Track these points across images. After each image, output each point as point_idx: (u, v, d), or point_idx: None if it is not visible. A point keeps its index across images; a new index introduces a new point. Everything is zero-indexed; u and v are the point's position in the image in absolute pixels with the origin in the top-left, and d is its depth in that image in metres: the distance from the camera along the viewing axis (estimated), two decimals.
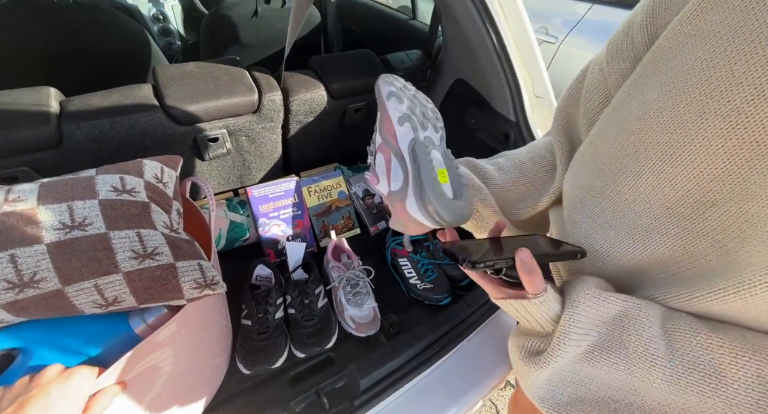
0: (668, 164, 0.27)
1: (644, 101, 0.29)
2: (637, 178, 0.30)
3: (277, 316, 0.74)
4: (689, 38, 0.26)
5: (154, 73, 0.71)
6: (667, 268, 0.30)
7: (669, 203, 0.28)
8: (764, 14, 0.22)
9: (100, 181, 0.48)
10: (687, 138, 0.26)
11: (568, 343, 0.30)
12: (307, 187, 1.00)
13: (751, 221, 0.24)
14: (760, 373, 0.25)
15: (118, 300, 0.41)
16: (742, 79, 0.23)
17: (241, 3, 1.27)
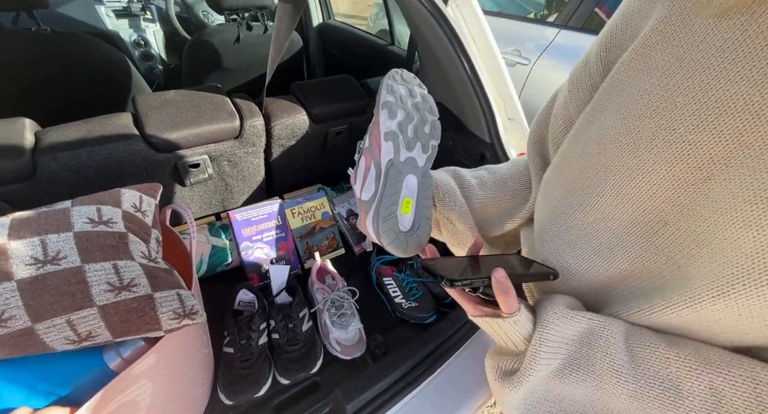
0: (625, 186, 0.30)
1: (602, 127, 0.31)
2: (598, 198, 0.32)
3: (261, 342, 0.73)
4: (637, 72, 0.29)
5: (134, 101, 0.72)
6: (629, 284, 0.32)
7: (628, 222, 0.30)
8: (698, 54, 0.25)
9: (76, 212, 0.48)
10: (640, 162, 0.28)
11: (539, 362, 0.31)
12: (291, 209, 1.00)
13: (698, 240, 0.26)
14: (711, 385, 0.26)
15: (92, 335, 0.40)
16: (683, 110, 0.25)
17: (223, 30, 1.30)
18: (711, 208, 0.25)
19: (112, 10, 1.72)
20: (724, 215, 0.24)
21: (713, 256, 0.25)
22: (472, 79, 0.76)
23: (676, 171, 0.26)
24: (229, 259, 0.91)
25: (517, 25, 2.27)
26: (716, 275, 0.25)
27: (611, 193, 0.31)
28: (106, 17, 1.70)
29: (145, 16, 1.80)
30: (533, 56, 2.06)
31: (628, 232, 0.31)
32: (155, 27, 1.84)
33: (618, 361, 0.29)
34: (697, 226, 0.26)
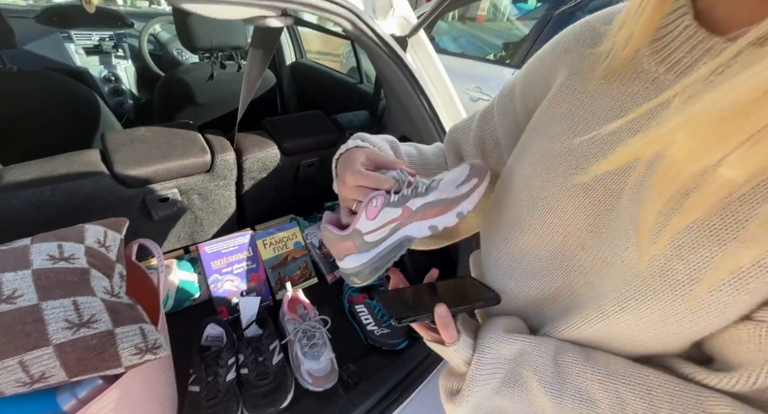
0: (549, 216, 0.34)
1: (528, 164, 0.36)
2: (528, 227, 0.36)
3: (229, 378, 0.71)
4: (552, 119, 0.35)
5: (103, 138, 0.73)
6: (557, 302, 0.36)
7: (553, 248, 0.35)
8: (593, 108, 0.31)
9: (35, 250, 0.47)
10: (558, 195, 0.33)
11: (477, 383, 0.34)
12: (262, 240, 1.00)
13: (606, 261, 0.31)
14: (617, 394, 0.30)
15: (46, 376, 0.39)
16: (587, 152, 0.31)
17: (197, 68, 1.35)
18: (612, 234, 0.30)
19: (83, 47, 1.73)
20: (621, 240, 0.29)
21: (616, 275, 0.30)
22: (430, 114, 0.83)
23: (586, 203, 0.31)
24: (196, 293, 0.89)
25: (478, 65, 2.49)
26: (618, 292, 0.29)
27: (538, 223, 0.35)
28: (76, 54, 1.71)
29: (117, 53, 1.83)
30: (493, 92, 2.25)
31: (554, 256, 0.35)
32: (127, 63, 1.86)
33: (546, 377, 0.33)
34: (605, 249, 0.31)
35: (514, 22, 3.33)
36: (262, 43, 0.75)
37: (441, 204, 0.36)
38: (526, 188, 0.36)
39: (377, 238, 0.38)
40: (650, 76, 0.28)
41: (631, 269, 0.28)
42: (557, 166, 0.33)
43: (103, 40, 1.76)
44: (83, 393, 0.42)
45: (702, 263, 0.25)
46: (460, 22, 3.43)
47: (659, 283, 0.26)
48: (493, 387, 0.35)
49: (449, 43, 3.02)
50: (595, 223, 0.31)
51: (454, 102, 0.88)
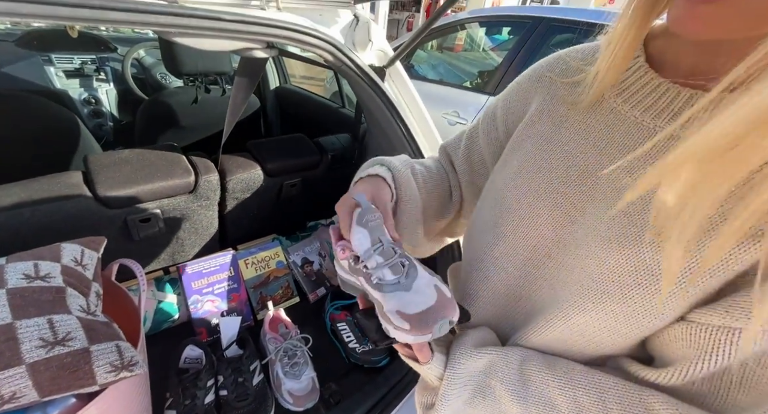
0: (521, 227, 0.37)
1: (505, 179, 0.40)
2: (502, 236, 0.39)
3: (207, 401, 0.69)
4: (528, 137, 0.39)
5: (85, 161, 0.74)
6: (525, 308, 0.40)
7: (524, 257, 0.38)
8: (564, 131, 0.35)
9: (11, 269, 0.47)
10: (531, 208, 0.37)
11: (450, 397, 0.36)
12: (244, 260, 1.01)
13: (568, 268, 0.34)
14: (575, 398, 0.32)
15: (17, 396, 0.39)
16: (557, 171, 0.35)
17: (182, 92, 1.38)
18: (575, 244, 0.34)
19: (63, 70, 1.74)
20: (581, 249, 0.33)
21: (576, 281, 0.33)
22: (408, 138, 0.89)
23: (554, 215, 0.35)
24: (175, 314, 0.88)
25: (455, 92, 2.64)
26: (577, 296, 0.32)
27: (511, 233, 0.38)
28: (56, 77, 1.71)
29: (99, 76, 1.84)
30: (470, 117, 2.38)
31: (524, 265, 0.39)
32: (108, 87, 1.86)
33: (512, 386, 0.35)
34: (568, 258, 0.34)
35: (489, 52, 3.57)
36: (248, 72, 0.79)
37: (384, 317, 0.33)
38: (501, 200, 0.40)
39: (346, 274, 0.41)
40: (610, 106, 0.33)
41: (589, 276, 0.31)
42: (531, 182, 0.37)
43: (84, 64, 1.77)
44: (55, 412, 0.42)
45: (649, 270, 0.28)
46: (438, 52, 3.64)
47: (611, 288, 0.30)
48: (465, 399, 0.37)
49: (428, 70, 3.19)
50: (561, 233, 0.35)
51: (429, 126, 0.94)
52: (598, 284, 0.31)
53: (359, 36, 0.83)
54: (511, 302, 0.41)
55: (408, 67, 3.01)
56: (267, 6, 0.67)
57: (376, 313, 0.35)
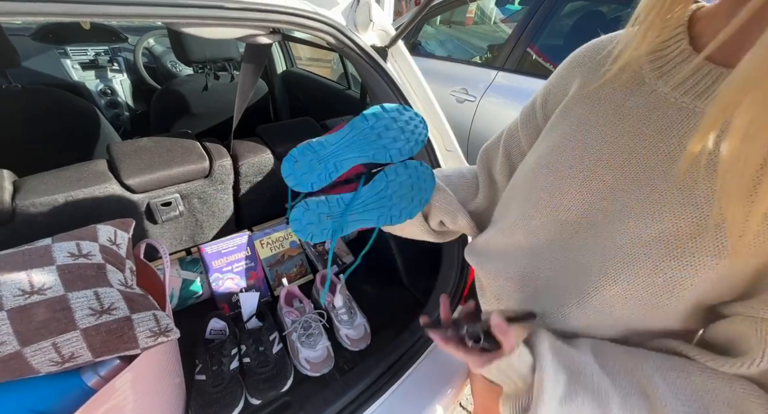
0: (551, 201, 0.39)
1: (537, 155, 0.41)
2: (535, 211, 0.41)
3: (232, 367, 0.77)
4: (564, 119, 0.40)
5: (108, 149, 0.79)
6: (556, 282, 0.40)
7: (553, 232, 0.39)
8: (599, 114, 0.36)
9: (57, 248, 0.53)
10: (561, 184, 0.38)
11: (546, 390, 0.33)
12: (260, 240, 1.06)
13: (598, 244, 0.35)
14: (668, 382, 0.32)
15: (75, 356, 0.45)
16: (591, 150, 0.36)
17: (192, 80, 1.41)
18: (606, 220, 0.35)
19: (79, 62, 1.79)
20: (613, 226, 0.34)
21: (608, 255, 0.34)
22: None
23: (584, 192, 0.36)
24: (199, 291, 0.95)
25: (464, 68, 2.57)
26: (609, 267, 0.34)
27: (543, 208, 0.39)
28: (72, 69, 1.76)
29: (113, 67, 1.88)
30: (479, 94, 2.33)
31: (554, 240, 0.40)
32: (122, 77, 1.91)
33: (599, 380, 0.34)
34: (597, 234, 0.36)
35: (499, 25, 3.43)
36: (254, 58, 0.81)
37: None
38: (534, 176, 0.41)
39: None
40: (649, 88, 0.34)
41: (621, 248, 0.33)
42: (564, 160, 0.38)
43: (98, 55, 1.82)
44: (105, 371, 0.48)
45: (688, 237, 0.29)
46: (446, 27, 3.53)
47: (644, 259, 0.32)
48: (560, 396, 0.34)
49: (436, 47, 3.10)
50: (590, 210, 0.36)
51: (433, 105, 0.94)
52: (629, 256, 0.33)
53: (360, 17, 0.83)
54: (544, 279, 0.41)
55: (415, 45, 2.94)
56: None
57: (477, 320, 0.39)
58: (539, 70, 2.04)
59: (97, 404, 0.44)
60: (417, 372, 0.82)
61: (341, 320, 0.90)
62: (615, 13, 2.00)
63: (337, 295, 0.92)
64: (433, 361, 0.85)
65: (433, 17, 3.11)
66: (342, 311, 0.91)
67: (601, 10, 2.06)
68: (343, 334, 0.89)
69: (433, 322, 0.42)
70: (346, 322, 0.90)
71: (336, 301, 0.92)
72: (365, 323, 0.92)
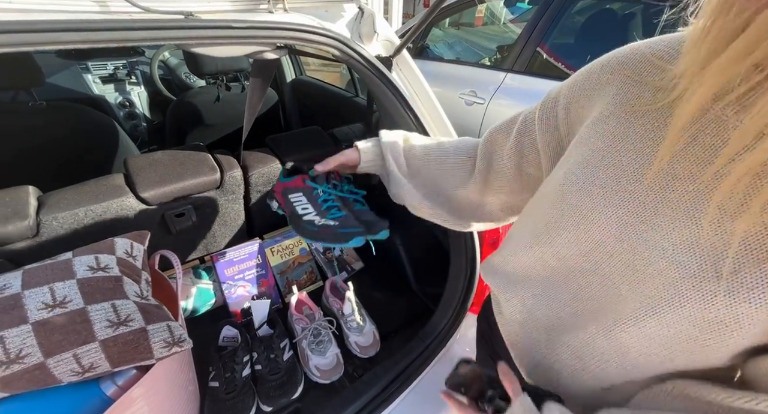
0: (583, 222, 0.36)
1: (567, 173, 0.38)
2: (562, 230, 0.38)
3: (244, 374, 0.78)
4: (596, 133, 0.36)
5: (125, 163, 0.82)
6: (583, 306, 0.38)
7: (584, 252, 0.36)
8: (638, 130, 0.33)
9: (77, 262, 0.56)
10: (594, 204, 0.35)
11: None
12: (270, 248, 1.09)
13: (635, 269, 0.32)
14: None
15: (94, 366, 0.47)
16: (626, 168, 0.33)
17: (204, 91, 1.45)
18: (644, 246, 0.32)
19: (99, 77, 1.87)
20: (653, 252, 0.31)
21: (646, 283, 0.32)
22: (417, 126, 0.91)
23: (620, 213, 0.33)
24: (212, 299, 0.98)
25: (472, 70, 2.56)
26: (648, 298, 0.31)
27: (572, 227, 0.37)
28: (93, 84, 1.85)
29: (131, 80, 1.96)
30: (488, 96, 2.32)
31: (584, 261, 0.37)
32: (140, 89, 1.99)
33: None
34: (634, 259, 0.32)
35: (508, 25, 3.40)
36: (261, 73, 0.83)
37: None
38: (562, 195, 0.38)
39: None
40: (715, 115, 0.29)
41: (664, 277, 0.30)
42: (596, 178, 0.35)
43: (117, 69, 1.90)
44: (122, 381, 0.50)
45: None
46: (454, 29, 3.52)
47: (691, 290, 0.28)
48: None
49: (444, 49, 3.10)
50: (625, 232, 0.33)
51: (438, 113, 0.95)
52: (675, 289, 0.29)
53: (365, 28, 0.84)
54: (571, 300, 0.39)
55: (423, 48, 2.94)
56: (274, 8, 0.70)
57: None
58: (550, 71, 2.01)
59: (120, 410, 0.46)
60: (427, 380, 0.82)
61: (350, 327, 0.91)
62: (627, 10, 1.96)
63: (346, 302, 0.93)
64: (443, 370, 0.85)
65: (441, 20, 3.11)
66: (351, 318, 0.92)
67: (612, 7, 2.02)
68: (353, 341, 0.90)
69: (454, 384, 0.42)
70: (356, 329, 0.91)
71: (345, 308, 0.93)
72: (374, 330, 0.93)
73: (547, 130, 0.45)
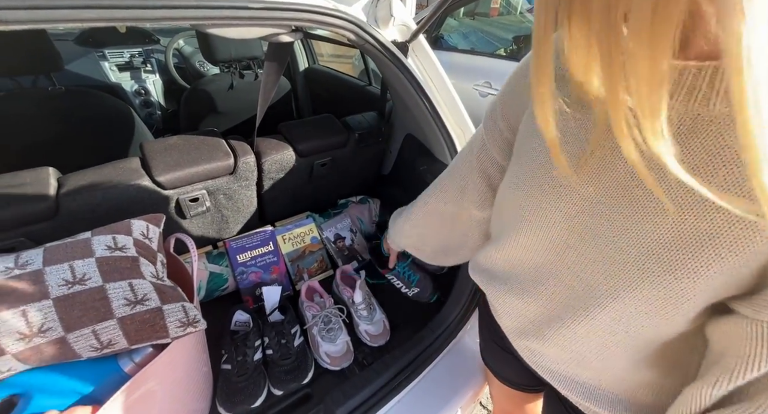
0: (536, 219, 0.38)
1: (515, 174, 0.41)
2: (520, 228, 0.41)
3: (256, 358, 0.79)
4: (530, 133, 0.39)
5: (141, 147, 0.83)
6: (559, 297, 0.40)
7: (545, 246, 0.39)
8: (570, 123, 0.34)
9: (96, 241, 0.57)
10: (540, 200, 0.37)
11: None
12: (282, 236, 1.09)
13: (591, 258, 0.34)
14: None
15: (112, 343, 0.48)
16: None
17: (218, 79, 1.46)
18: (590, 233, 0.34)
19: (116, 64, 1.89)
20: (600, 240, 0.33)
21: (602, 268, 0.34)
22: (432, 114, 0.89)
23: (561, 206, 0.35)
24: (225, 284, 0.99)
25: (487, 61, 2.51)
26: (609, 284, 0.33)
27: (528, 225, 0.40)
28: (110, 71, 1.87)
29: (146, 68, 1.98)
30: None
31: (547, 253, 0.39)
32: (155, 77, 2.01)
33: None
34: (586, 247, 0.35)
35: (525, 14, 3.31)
36: (276, 57, 0.82)
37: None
38: (513, 197, 0.41)
39: None
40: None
41: (614, 264, 0.32)
42: (536, 176, 0.38)
43: (133, 57, 1.91)
44: (139, 358, 0.51)
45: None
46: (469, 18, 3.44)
47: (645, 269, 0.30)
48: None
49: (459, 40, 3.03)
50: (573, 224, 0.35)
51: (454, 100, 0.93)
52: (624, 272, 0.31)
53: (381, 12, 0.82)
54: (547, 290, 0.41)
55: (437, 38, 2.89)
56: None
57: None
58: None
59: (132, 389, 0.47)
60: (436, 370, 0.82)
61: (360, 316, 0.91)
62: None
63: (357, 291, 0.93)
64: (452, 360, 0.84)
65: (456, 9, 3.04)
66: (362, 307, 0.92)
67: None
68: (363, 329, 0.90)
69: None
70: (366, 318, 0.91)
71: (356, 296, 0.93)
72: (384, 319, 0.93)
73: (497, 142, 0.49)
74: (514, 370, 0.62)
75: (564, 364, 0.43)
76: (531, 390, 0.65)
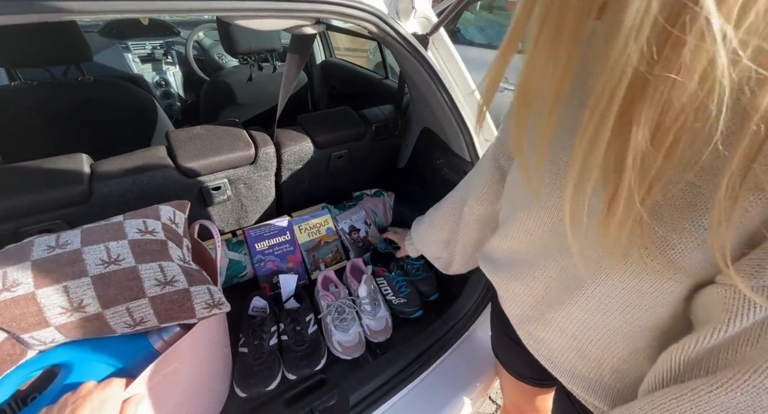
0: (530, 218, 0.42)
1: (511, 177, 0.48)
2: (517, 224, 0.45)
3: (272, 343, 0.82)
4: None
5: (167, 136, 0.86)
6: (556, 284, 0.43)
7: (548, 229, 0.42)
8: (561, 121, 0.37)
9: (128, 225, 0.59)
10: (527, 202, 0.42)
11: None
12: (299, 226, 1.11)
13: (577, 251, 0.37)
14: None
15: (144, 320, 0.51)
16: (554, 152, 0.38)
17: (237, 71, 1.48)
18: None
19: (138, 56, 1.94)
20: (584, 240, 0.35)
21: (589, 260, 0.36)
22: (451, 108, 0.89)
23: (548, 205, 0.39)
24: (244, 271, 1.02)
25: None
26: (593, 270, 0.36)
27: (523, 220, 0.44)
28: (133, 63, 1.92)
29: (167, 60, 2.02)
30: None
31: (548, 237, 0.42)
32: (175, 69, 2.05)
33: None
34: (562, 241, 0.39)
35: None
36: (299, 49, 0.84)
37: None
38: (511, 197, 0.49)
39: None
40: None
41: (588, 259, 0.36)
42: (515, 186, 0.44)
43: (155, 49, 1.96)
44: (168, 336, 0.54)
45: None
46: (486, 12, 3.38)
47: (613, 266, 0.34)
48: None
49: (476, 34, 2.99)
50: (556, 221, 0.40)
51: (474, 94, 0.92)
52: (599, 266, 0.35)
53: (402, 4, 0.82)
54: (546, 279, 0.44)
55: (453, 32, 2.85)
56: None
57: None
58: None
59: (162, 365, 0.49)
60: (448, 361, 0.83)
61: (364, 310, 0.91)
62: None
63: (362, 285, 0.94)
64: (464, 352, 0.85)
65: (473, 3, 2.99)
66: (366, 301, 0.93)
67: None
68: (365, 323, 0.91)
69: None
70: (369, 313, 0.92)
71: (360, 290, 0.94)
72: (388, 316, 0.93)
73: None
74: (522, 362, 0.63)
75: (564, 353, 0.45)
76: (540, 384, 0.66)
